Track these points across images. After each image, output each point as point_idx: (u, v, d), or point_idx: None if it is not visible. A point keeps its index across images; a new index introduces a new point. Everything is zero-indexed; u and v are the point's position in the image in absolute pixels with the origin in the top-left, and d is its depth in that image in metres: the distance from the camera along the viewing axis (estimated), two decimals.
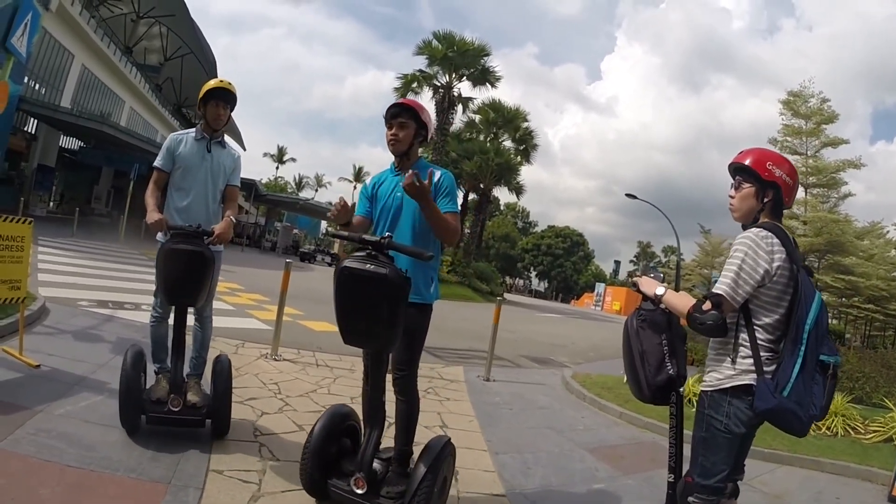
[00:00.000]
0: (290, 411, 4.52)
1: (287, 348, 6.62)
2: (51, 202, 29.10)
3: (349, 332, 2.56)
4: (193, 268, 3.26)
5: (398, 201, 2.95)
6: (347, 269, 2.45)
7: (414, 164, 3.02)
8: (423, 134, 3.02)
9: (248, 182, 35.27)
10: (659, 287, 2.43)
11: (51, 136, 28.14)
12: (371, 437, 2.68)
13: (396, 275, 2.42)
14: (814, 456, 5.30)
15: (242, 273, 16.25)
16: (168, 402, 3.31)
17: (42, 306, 6.17)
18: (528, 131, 32.45)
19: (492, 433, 4.88)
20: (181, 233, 3.32)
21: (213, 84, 3.68)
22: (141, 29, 36.47)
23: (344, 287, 2.48)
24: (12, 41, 5.82)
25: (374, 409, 2.73)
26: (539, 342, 13.09)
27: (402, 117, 2.94)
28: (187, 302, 3.42)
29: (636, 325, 2.48)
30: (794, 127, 24.00)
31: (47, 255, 11.64)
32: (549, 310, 33.40)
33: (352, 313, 2.52)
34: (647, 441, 5.51)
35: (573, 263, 79.40)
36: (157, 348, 3.73)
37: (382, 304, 2.42)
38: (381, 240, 2.52)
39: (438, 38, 28.45)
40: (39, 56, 23.95)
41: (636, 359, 2.45)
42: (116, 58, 31.76)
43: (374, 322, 2.47)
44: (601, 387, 7.27)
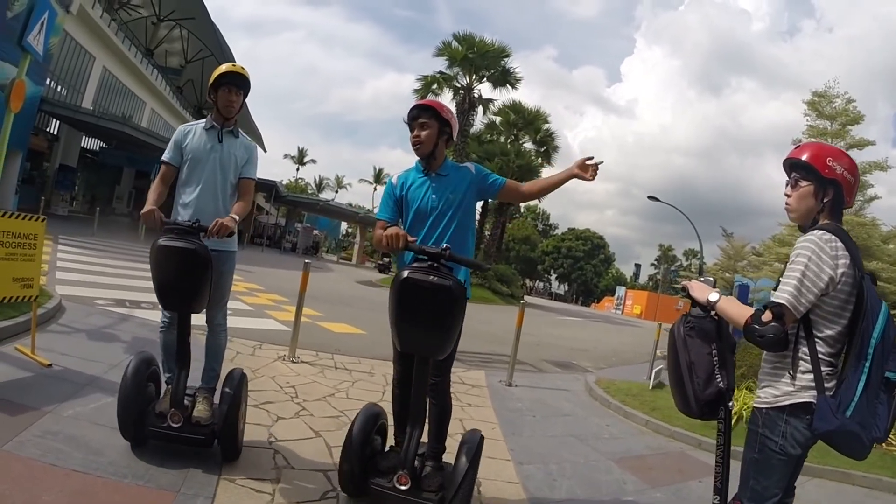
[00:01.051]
0: (307, 416, 4.36)
1: (305, 350, 6.48)
2: (73, 202, 29.39)
3: (407, 339, 2.64)
4: (186, 268, 2.95)
5: (434, 203, 2.96)
6: (411, 279, 2.50)
7: (442, 165, 3.03)
8: (448, 132, 3.00)
9: (269, 183, 35.38)
10: (712, 293, 2.22)
11: (72, 136, 28.42)
12: (413, 436, 2.71)
13: (458, 286, 2.52)
14: (844, 468, 5.03)
15: (262, 273, 16.23)
16: (168, 416, 3.03)
17: (58, 304, 6.10)
18: (548, 133, 32.05)
19: (515, 441, 4.69)
20: (174, 228, 3.01)
21: (225, 68, 3.37)
22: (161, 32, 36.78)
23: (405, 296, 2.53)
24: (28, 39, 5.73)
25: (417, 410, 2.77)
26: (560, 346, 12.86)
27: (422, 118, 2.95)
28: (183, 307, 3.10)
29: (683, 334, 2.27)
30: (820, 128, 23.47)
31: (67, 254, 11.63)
32: (570, 313, 33.02)
33: (412, 322, 2.58)
34: (675, 451, 5.32)
35: (593, 266, 78.65)
36: (168, 357, 3.41)
37: (444, 314, 2.52)
38: (442, 251, 2.56)
39: (458, 39, 28.18)
40: (61, 58, 24.27)
41: (684, 370, 2.25)
42: (137, 60, 32.08)
43: (432, 330, 2.55)
44: (626, 393, 7.07)
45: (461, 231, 2.99)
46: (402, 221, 3.06)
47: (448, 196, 2.97)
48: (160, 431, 3.01)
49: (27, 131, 20.08)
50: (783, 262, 9.87)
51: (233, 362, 5.36)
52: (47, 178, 26.17)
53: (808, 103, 23.85)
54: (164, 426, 3.00)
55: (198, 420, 3.10)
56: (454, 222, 2.97)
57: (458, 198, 2.98)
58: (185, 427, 3.03)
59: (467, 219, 3.06)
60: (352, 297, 15.63)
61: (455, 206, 2.97)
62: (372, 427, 2.87)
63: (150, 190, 3.32)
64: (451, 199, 2.97)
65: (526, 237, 74.21)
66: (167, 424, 2.99)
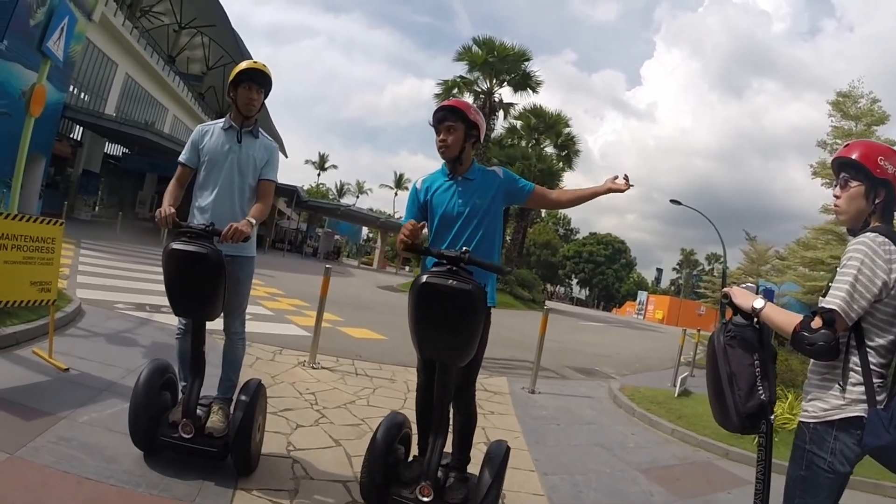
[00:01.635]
0: (327, 424, 4.25)
1: (325, 356, 6.40)
2: (96, 207, 29.80)
3: (426, 344, 2.57)
4: (196, 273, 2.82)
5: (460, 208, 2.88)
6: (429, 284, 2.44)
7: (468, 169, 2.95)
8: (475, 135, 2.91)
9: (290, 188, 35.57)
10: (757, 299, 2.08)
11: (95, 142, 28.81)
12: (436, 446, 2.63)
13: (478, 290, 2.43)
14: (875, 479, 4.86)
15: (283, 278, 16.26)
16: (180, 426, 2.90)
17: (77, 308, 6.09)
18: (569, 137, 31.81)
19: (539, 451, 4.55)
20: (186, 232, 2.88)
21: (245, 65, 3.22)
22: (183, 39, 37.22)
23: (424, 301, 2.47)
24: (48, 45, 5.76)
25: (440, 419, 2.66)
26: (583, 352, 12.68)
27: (449, 120, 2.85)
28: (195, 314, 2.99)
29: (724, 343, 2.14)
30: (845, 129, 22.91)
31: (88, 258, 11.72)
32: (592, 318, 32.75)
33: (431, 327, 2.51)
34: (702, 461, 5.17)
35: (615, 271, 78.05)
36: (183, 364, 3.27)
37: (464, 319, 2.44)
38: (461, 255, 2.47)
39: (478, 43, 28.02)
40: (84, 65, 24.65)
41: (724, 382, 2.11)
42: (159, 67, 32.51)
43: (453, 336, 2.48)
44: (651, 401, 6.90)
45: (488, 237, 2.89)
46: (428, 227, 2.96)
47: (475, 201, 2.88)
48: (171, 442, 2.89)
49: (51, 137, 20.34)
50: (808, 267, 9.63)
51: (252, 368, 5.31)
52: (71, 183, 26.57)
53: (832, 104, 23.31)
54: (175, 436, 2.88)
55: (211, 431, 2.96)
56: (481, 228, 2.88)
57: (486, 203, 2.89)
58: (197, 438, 2.90)
59: (494, 224, 2.95)
60: (373, 302, 15.57)
61: (482, 212, 2.88)
62: (395, 436, 2.77)
63: (166, 192, 3.20)
64: (478, 204, 2.87)
65: (547, 242, 73.89)
66: (178, 435, 2.87)
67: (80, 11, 18.95)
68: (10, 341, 4.50)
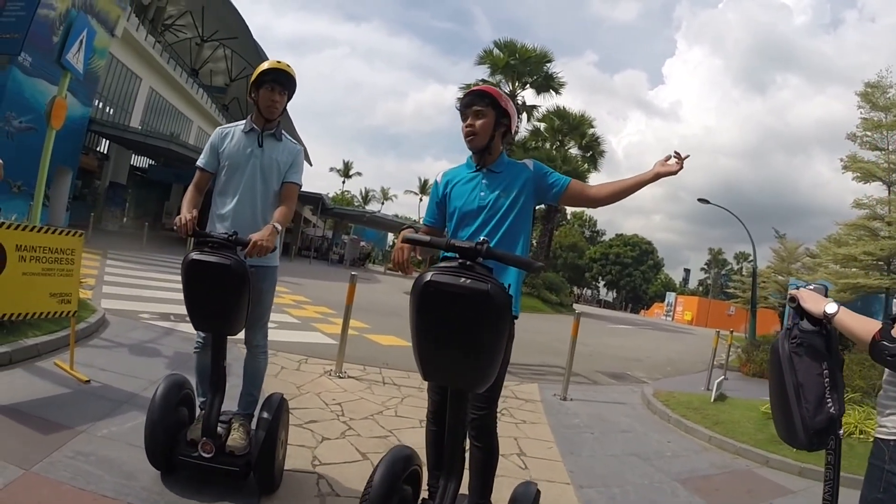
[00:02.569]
0: (354, 436, 4.09)
1: (352, 364, 6.26)
2: (124, 218, 30.26)
3: (432, 365, 1.94)
4: (219, 285, 2.62)
5: (483, 202, 2.53)
6: (433, 283, 1.82)
7: (497, 161, 2.61)
8: (506, 123, 2.57)
9: (315, 196, 35.76)
10: (829, 303, 1.86)
11: (121, 155, 29.24)
12: (448, 490, 2.10)
13: (500, 291, 1.82)
14: None
15: (309, 285, 16.23)
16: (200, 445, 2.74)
17: (101, 318, 6.04)
18: (594, 138, 31.51)
19: (574, 462, 4.35)
20: (208, 241, 2.69)
21: (268, 65, 3.03)
22: (206, 52, 37.73)
23: (428, 307, 1.86)
24: (67, 57, 5.75)
25: (453, 457, 2.12)
26: (613, 356, 12.39)
27: (477, 105, 2.51)
28: (217, 328, 2.80)
29: (789, 351, 1.91)
30: (874, 120, 22.21)
31: (114, 268, 11.78)
32: (620, 320, 32.30)
33: (438, 342, 1.88)
34: (741, 469, 4.93)
35: (642, 273, 77.16)
36: (202, 379, 3.11)
37: (481, 330, 1.82)
38: (478, 245, 1.90)
39: (500, 46, 27.96)
40: (109, 80, 25.16)
41: (790, 394, 1.88)
42: (183, 80, 32.97)
43: (468, 353, 1.85)
44: (686, 407, 6.64)
45: (512, 235, 2.51)
46: (447, 224, 2.67)
47: (500, 195, 2.52)
48: (191, 461, 2.74)
49: (77, 150, 20.74)
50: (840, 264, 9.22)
51: (277, 378, 5.20)
52: (98, 195, 27.03)
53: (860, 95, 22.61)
54: (194, 455, 2.72)
55: (232, 449, 2.79)
56: (504, 225, 2.50)
57: (512, 197, 2.52)
58: (218, 457, 2.74)
59: (521, 222, 2.55)
60: (399, 308, 15.29)
61: (507, 207, 2.50)
62: (399, 475, 2.12)
63: (184, 199, 3.03)
64: (502, 199, 2.51)
65: (573, 244, 73.40)
66: (198, 454, 2.71)
67: (103, 27, 19.33)
68: (31, 353, 4.44)
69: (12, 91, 15.29)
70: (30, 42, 14.87)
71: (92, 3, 18.42)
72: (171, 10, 32.44)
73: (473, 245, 1.90)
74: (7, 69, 15.21)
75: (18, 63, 15.23)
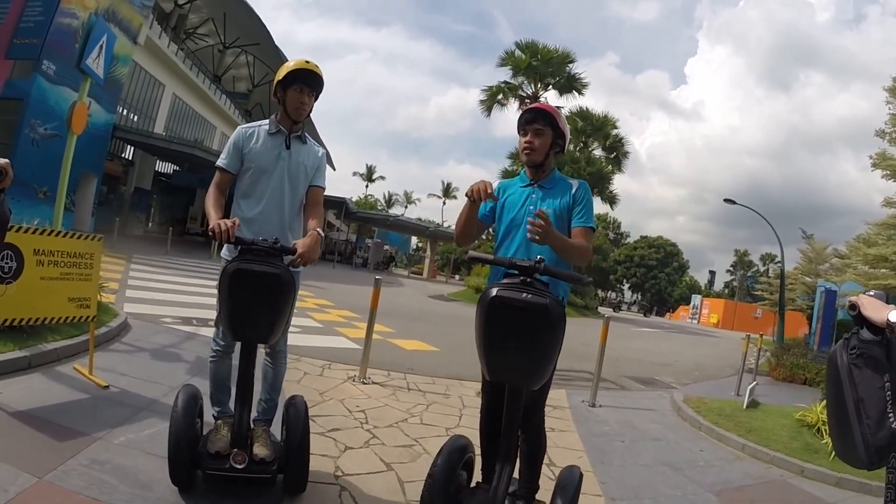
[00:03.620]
0: (378, 446, 3.95)
1: (376, 370, 6.13)
2: (149, 223, 30.66)
3: (496, 366, 2.25)
4: (268, 295, 2.53)
5: (529, 216, 2.56)
6: (499, 298, 2.14)
7: (548, 177, 2.76)
8: (560, 144, 2.74)
9: (339, 200, 35.95)
10: (892, 311, 1.68)
11: (146, 161, 29.64)
12: (503, 474, 2.36)
13: (556, 305, 2.14)
14: None
15: (333, 289, 16.20)
16: (231, 457, 2.62)
17: (123, 322, 6.01)
18: (618, 138, 30.97)
19: (605, 472, 4.17)
20: (253, 249, 2.56)
21: (294, 65, 2.88)
22: (228, 58, 38.09)
23: (494, 317, 2.16)
24: (87, 62, 5.74)
25: (508, 446, 2.39)
26: (640, 360, 12.13)
27: (538, 123, 2.66)
28: (259, 338, 2.69)
29: (848, 363, 1.75)
30: None
31: (138, 272, 11.85)
32: (645, 324, 31.85)
33: (503, 347, 2.20)
34: (776, 479, 4.71)
35: (667, 275, 76.17)
36: (218, 389, 3.03)
37: (540, 337, 2.15)
38: (535, 264, 2.21)
39: (521, 47, 27.62)
40: (132, 87, 25.56)
41: (850, 409, 1.71)
42: (206, 86, 33.36)
43: (527, 356, 2.18)
44: (718, 413, 6.40)
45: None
46: (495, 232, 2.83)
47: (546, 206, 2.65)
48: (221, 474, 2.62)
49: (102, 156, 21.04)
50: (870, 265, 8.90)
51: (300, 384, 5.11)
52: (124, 200, 27.40)
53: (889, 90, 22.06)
54: (225, 468, 2.60)
55: (262, 458, 2.70)
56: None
57: (559, 213, 2.66)
58: (249, 467, 2.65)
59: (566, 233, 2.66)
60: (424, 312, 15.35)
61: (554, 221, 2.52)
62: (457, 461, 2.46)
63: (209, 202, 2.83)
64: (547, 210, 2.57)
65: (597, 247, 72.61)
66: (229, 466, 2.60)
67: (126, 35, 19.60)
68: (50, 357, 4.39)
69: (37, 99, 15.56)
70: (53, 50, 15.18)
71: (114, 11, 18.67)
72: (193, 17, 32.81)
73: (532, 263, 2.21)
74: (31, 77, 15.51)
75: (42, 71, 15.51)
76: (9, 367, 3.96)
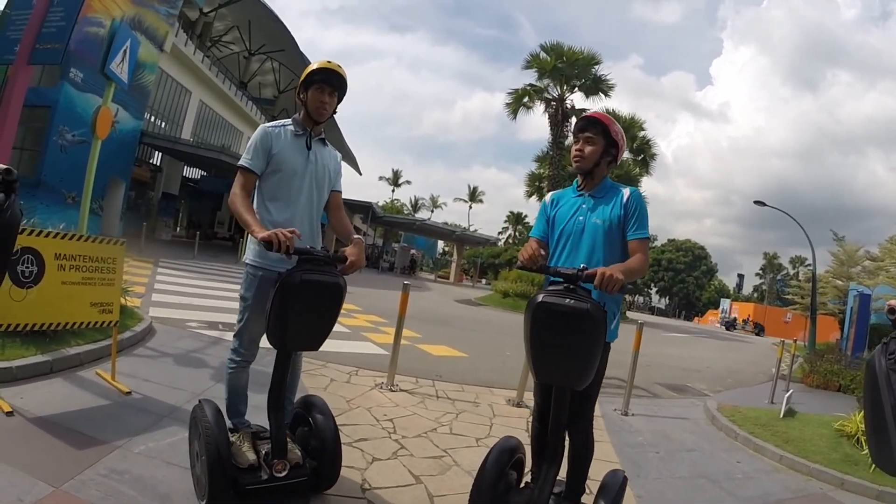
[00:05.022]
0: (406, 457, 3.80)
1: (403, 376, 6.00)
2: (177, 227, 31.08)
3: (543, 367, 2.40)
4: (330, 305, 2.57)
5: (580, 226, 2.71)
6: (545, 304, 2.28)
7: (598, 186, 2.76)
8: (613, 153, 2.75)
9: (366, 204, 36.14)
10: None
11: (174, 166, 30.09)
12: (549, 474, 2.47)
13: (597, 310, 2.25)
14: None
15: (360, 293, 16.16)
16: (270, 467, 2.56)
17: (148, 327, 5.98)
18: (645, 140, 30.36)
19: (641, 486, 3.97)
20: (311, 258, 2.50)
21: (317, 65, 2.83)
22: (254, 65, 38.58)
23: (540, 322, 2.31)
24: (111, 67, 5.75)
25: (555, 445, 2.49)
26: (670, 366, 11.83)
27: (589, 131, 2.70)
28: (308, 346, 2.66)
29: (886, 368, 1.63)
30: None
31: (165, 276, 11.92)
32: (674, 329, 31.29)
33: (548, 349, 2.35)
34: (816, 493, 4.49)
35: (695, 279, 75.03)
36: (237, 399, 2.94)
37: (582, 340, 2.27)
38: (578, 272, 2.30)
39: (546, 49, 27.36)
40: (159, 94, 26.04)
41: (888, 416, 1.60)
42: (232, 93, 33.81)
43: (570, 358, 2.31)
44: (754, 423, 6.15)
45: (605, 258, 2.62)
46: (549, 242, 2.83)
47: (596, 219, 2.68)
48: (263, 486, 2.54)
49: (129, 162, 21.41)
50: None
51: (326, 391, 5.02)
52: (152, 205, 27.81)
53: None
54: (265, 479, 2.54)
55: (295, 462, 2.66)
56: (599, 248, 2.65)
57: (607, 222, 2.66)
58: (289, 474, 2.62)
59: (615, 245, 2.67)
60: (451, 317, 15.20)
61: (603, 232, 2.65)
62: (507, 461, 2.57)
63: (240, 205, 2.69)
64: (598, 224, 2.67)
65: None
66: (270, 475, 2.55)
67: (152, 43, 19.91)
68: (73, 362, 4.35)
69: (64, 106, 15.92)
70: (80, 58, 15.53)
71: (140, 19, 19.00)
72: (219, 25, 33.28)
73: (575, 272, 2.30)
74: (58, 85, 15.85)
75: (70, 79, 15.87)
76: (30, 372, 3.93)
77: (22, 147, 15.61)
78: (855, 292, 14.33)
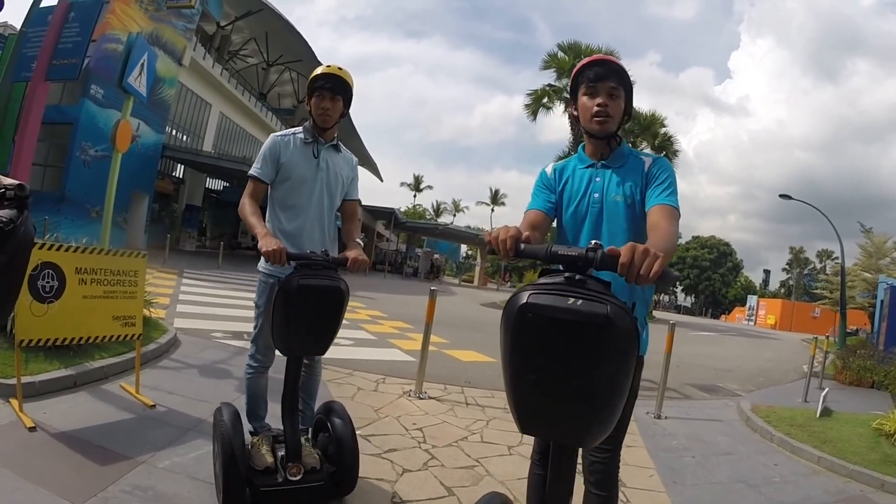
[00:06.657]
0: (437, 467, 3.69)
1: (432, 383, 5.89)
2: (200, 238, 31.42)
3: (532, 415, 1.35)
4: (330, 309, 2.52)
5: (597, 206, 2.04)
6: (532, 307, 1.27)
7: (615, 153, 2.10)
8: (629, 111, 2.08)
9: (387, 210, 36.26)
10: None
11: (196, 178, 30.44)
12: None
13: (622, 314, 1.24)
14: None
15: (384, 300, 16.12)
16: (285, 470, 2.55)
17: (172, 338, 5.95)
18: (666, 137, 29.87)
19: (678, 493, 3.82)
20: (309, 263, 2.50)
21: (319, 70, 2.82)
22: (272, 76, 38.90)
23: (526, 338, 1.29)
24: (129, 81, 5.79)
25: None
26: (700, 365, 11.58)
27: (611, 80, 1.98)
28: (314, 350, 2.67)
29: None
30: None
31: (190, 287, 11.97)
32: (701, 327, 30.80)
33: (540, 385, 1.29)
34: (856, 495, 4.31)
35: (721, 276, 73.85)
36: (256, 404, 2.99)
37: (597, 369, 1.25)
38: (589, 252, 1.33)
39: (564, 49, 27.07)
40: (180, 107, 26.40)
41: None
42: (251, 104, 34.17)
43: (578, 400, 1.27)
44: (789, 423, 5.94)
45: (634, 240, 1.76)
46: (557, 224, 2.17)
47: (614, 192, 2.03)
48: (277, 489, 2.53)
49: (152, 176, 21.70)
50: None
51: (353, 400, 4.95)
52: (175, 217, 28.16)
53: None
54: (279, 482, 2.54)
55: (312, 466, 2.64)
56: (623, 228, 2.00)
57: (630, 197, 2.02)
58: (304, 478, 2.60)
59: (642, 228, 1.93)
60: (477, 321, 14.97)
61: (625, 208, 2.00)
62: None
63: (248, 213, 2.75)
64: (616, 201, 2.02)
65: None
66: (284, 479, 2.54)
67: (171, 58, 20.18)
68: (97, 375, 4.33)
69: (86, 122, 16.21)
70: (100, 75, 15.79)
71: (158, 34, 19.26)
72: (236, 38, 33.64)
73: (584, 252, 1.33)
74: (79, 102, 16.13)
75: (91, 95, 16.15)
76: (54, 386, 3.91)
77: (45, 164, 15.97)
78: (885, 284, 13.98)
